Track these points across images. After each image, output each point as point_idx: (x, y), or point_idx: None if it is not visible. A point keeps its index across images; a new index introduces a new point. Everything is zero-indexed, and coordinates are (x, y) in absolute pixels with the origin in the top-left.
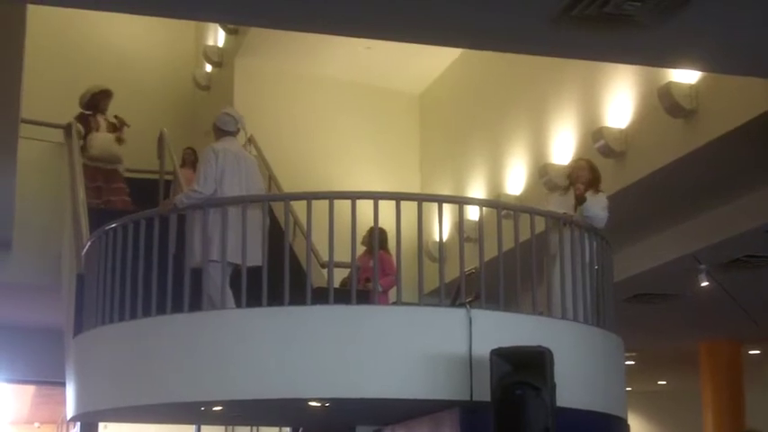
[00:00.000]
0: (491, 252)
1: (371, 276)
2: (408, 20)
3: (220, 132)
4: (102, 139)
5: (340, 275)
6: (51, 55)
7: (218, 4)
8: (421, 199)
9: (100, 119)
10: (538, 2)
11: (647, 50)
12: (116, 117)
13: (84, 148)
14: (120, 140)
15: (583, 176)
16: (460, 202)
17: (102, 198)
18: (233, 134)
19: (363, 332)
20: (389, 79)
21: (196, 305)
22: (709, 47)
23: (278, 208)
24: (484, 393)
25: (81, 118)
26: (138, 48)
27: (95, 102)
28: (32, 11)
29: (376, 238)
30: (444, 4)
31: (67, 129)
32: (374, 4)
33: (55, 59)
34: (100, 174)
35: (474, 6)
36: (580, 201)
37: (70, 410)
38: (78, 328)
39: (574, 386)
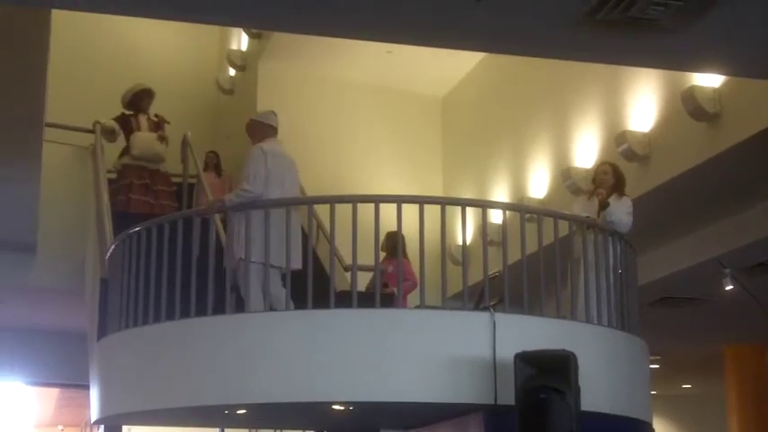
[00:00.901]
0: (514, 255)
1: (389, 281)
2: (431, 24)
3: (263, 128)
4: (143, 139)
5: (362, 280)
6: (75, 58)
7: (241, 9)
8: (444, 202)
9: (141, 118)
10: (562, 6)
11: (671, 54)
12: (156, 115)
13: (126, 149)
14: (161, 138)
15: (606, 181)
16: (484, 205)
17: (148, 196)
18: (275, 131)
19: (387, 336)
20: (412, 83)
21: (220, 308)
22: (733, 51)
23: (301, 212)
24: (508, 397)
25: (122, 118)
26: (162, 51)
27: (137, 101)
28: (56, 14)
29: (400, 241)
30: (467, 9)
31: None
32: (396, 10)
33: (79, 63)
34: (146, 172)
35: (497, 11)
36: (603, 206)
37: (94, 413)
38: (102, 332)
39: (598, 390)
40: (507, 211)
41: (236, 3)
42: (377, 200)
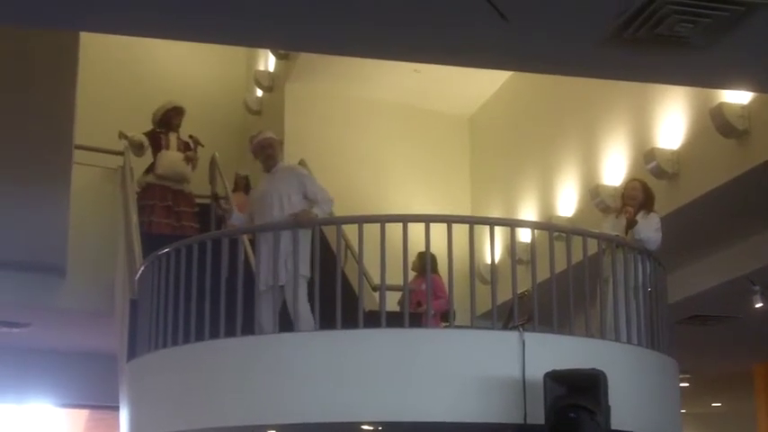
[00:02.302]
0: (543, 274)
1: (423, 300)
2: (458, 43)
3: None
4: (169, 158)
5: (392, 299)
6: (104, 80)
7: (269, 31)
8: (472, 222)
9: (171, 137)
10: (589, 24)
11: (699, 71)
12: (191, 136)
13: (152, 166)
14: (188, 159)
15: (635, 197)
16: (512, 224)
17: (170, 218)
18: None
19: (416, 355)
20: (439, 102)
21: (248, 329)
22: (762, 67)
23: (330, 232)
24: (538, 416)
25: (152, 134)
26: (190, 72)
27: (167, 119)
28: (85, 37)
29: (428, 260)
30: (494, 28)
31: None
32: (423, 29)
33: (107, 85)
34: (169, 193)
35: (524, 29)
36: (631, 224)
37: None
38: (132, 353)
39: (628, 409)
40: (536, 230)
41: (263, 24)
42: (405, 219)
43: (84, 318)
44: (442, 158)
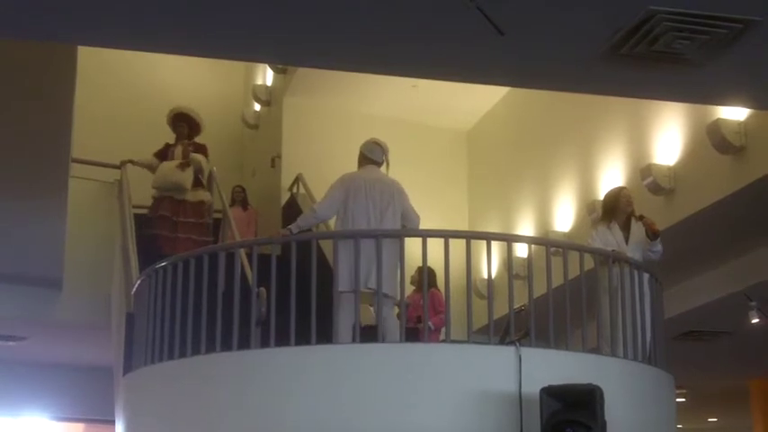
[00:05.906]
0: (540, 289)
1: (422, 314)
2: (455, 59)
3: (364, 160)
4: (162, 169)
5: None
6: (101, 94)
7: (267, 46)
8: (469, 236)
9: (178, 147)
10: (586, 40)
11: (696, 88)
12: (187, 144)
13: None
14: (182, 166)
15: (631, 206)
16: (509, 239)
17: (165, 229)
18: (377, 164)
19: (412, 370)
20: (437, 117)
21: (245, 343)
22: (759, 84)
23: (326, 246)
24: None
25: (162, 150)
26: (187, 86)
27: (173, 127)
28: (82, 51)
29: (425, 276)
30: (492, 44)
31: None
32: (421, 45)
33: (105, 99)
34: (168, 202)
35: (521, 45)
36: (656, 235)
37: None
38: (128, 367)
39: (624, 424)
40: (533, 245)
41: (260, 39)
42: (402, 234)
43: (81, 331)
44: (440, 173)
